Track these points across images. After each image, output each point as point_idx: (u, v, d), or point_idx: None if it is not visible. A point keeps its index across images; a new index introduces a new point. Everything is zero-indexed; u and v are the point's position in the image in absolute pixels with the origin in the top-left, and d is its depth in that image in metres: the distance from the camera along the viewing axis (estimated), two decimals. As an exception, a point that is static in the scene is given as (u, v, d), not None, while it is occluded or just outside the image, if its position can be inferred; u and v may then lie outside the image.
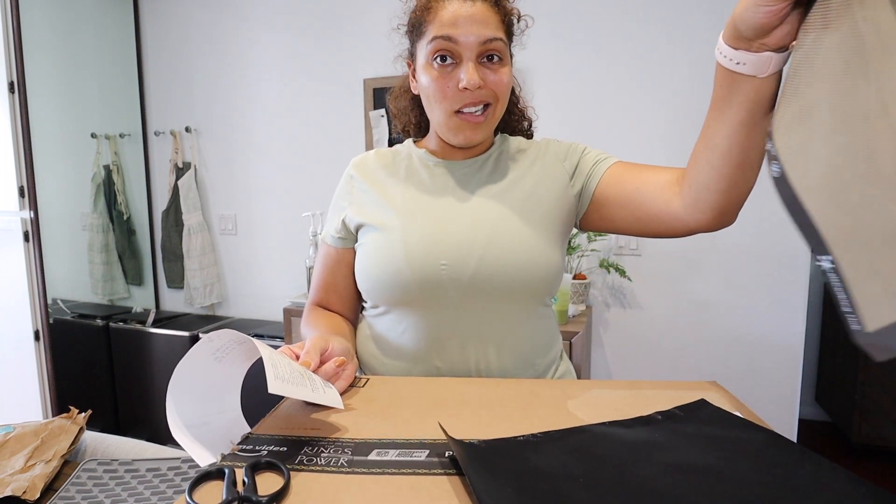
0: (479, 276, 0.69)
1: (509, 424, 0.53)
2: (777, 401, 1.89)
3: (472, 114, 0.70)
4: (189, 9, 2.50)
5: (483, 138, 0.74)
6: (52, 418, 0.93)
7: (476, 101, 0.69)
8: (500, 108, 0.73)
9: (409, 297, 0.71)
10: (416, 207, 0.74)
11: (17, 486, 0.75)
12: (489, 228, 0.71)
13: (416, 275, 0.69)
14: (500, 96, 0.71)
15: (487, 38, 0.68)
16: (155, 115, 2.62)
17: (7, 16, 1.89)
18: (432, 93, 0.71)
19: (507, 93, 0.73)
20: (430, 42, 0.69)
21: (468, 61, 0.68)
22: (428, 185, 0.77)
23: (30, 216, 1.96)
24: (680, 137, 1.91)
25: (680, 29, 1.87)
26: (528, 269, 0.70)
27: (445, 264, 0.69)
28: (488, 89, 0.69)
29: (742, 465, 0.42)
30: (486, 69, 0.69)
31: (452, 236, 0.71)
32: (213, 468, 0.44)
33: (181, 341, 2.23)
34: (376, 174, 0.79)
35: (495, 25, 0.69)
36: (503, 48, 0.70)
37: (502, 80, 0.70)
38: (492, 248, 0.69)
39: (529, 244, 0.71)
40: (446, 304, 0.71)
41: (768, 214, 1.84)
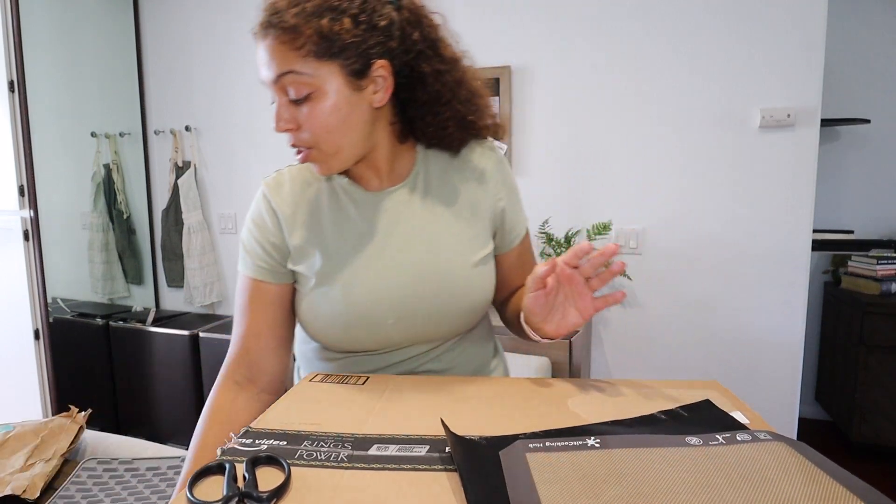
0: (428, 326, 0.71)
1: (510, 422, 0.53)
2: (777, 400, 1.89)
3: (298, 153, 0.66)
4: (189, 9, 2.50)
5: (339, 169, 0.67)
6: (52, 417, 0.93)
7: (296, 143, 0.65)
8: (327, 148, 0.64)
9: (357, 347, 0.71)
10: (352, 254, 0.69)
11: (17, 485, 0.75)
12: (434, 279, 0.69)
13: (363, 331, 0.69)
14: (318, 139, 0.63)
15: (275, 77, 0.61)
16: (155, 114, 2.62)
17: (7, 16, 1.89)
18: None
19: (332, 130, 0.63)
20: None
21: (278, 103, 0.63)
22: (358, 223, 0.70)
23: (30, 215, 1.96)
24: (679, 137, 1.91)
25: (680, 28, 1.87)
26: (473, 307, 0.72)
27: (393, 322, 0.69)
28: (301, 131, 0.63)
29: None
30: (297, 108, 0.62)
31: (397, 292, 0.68)
32: (214, 463, 0.44)
33: (181, 340, 2.23)
34: (299, 205, 0.72)
35: (283, 60, 0.60)
36: (302, 81, 0.60)
37: (315, 122, 0.62)
38: (438, 300, 0.70)
39: (470, 283, 0.71)
40: (389, 346, 0.72)
41: (768, 214, 1.84)
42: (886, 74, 2.39)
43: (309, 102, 0.61)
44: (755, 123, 1.82)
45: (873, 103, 2.41)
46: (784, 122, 1.78)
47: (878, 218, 2.47)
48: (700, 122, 1.89)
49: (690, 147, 1.91)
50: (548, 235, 2.01)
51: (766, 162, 1.83)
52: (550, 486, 0.39)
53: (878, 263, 2.15)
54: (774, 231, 1.84)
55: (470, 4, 2.09)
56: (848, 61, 2.42)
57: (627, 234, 2.00)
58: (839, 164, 2.49)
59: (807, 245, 1.82)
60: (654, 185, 1.96)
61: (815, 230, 1.94)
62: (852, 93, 2.43)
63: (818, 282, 2.56)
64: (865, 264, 2.22)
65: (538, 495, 0.38)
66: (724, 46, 1.83)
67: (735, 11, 1.81)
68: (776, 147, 1.82)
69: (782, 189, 1.82)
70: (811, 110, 1.77)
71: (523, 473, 0.41)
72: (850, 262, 2.32)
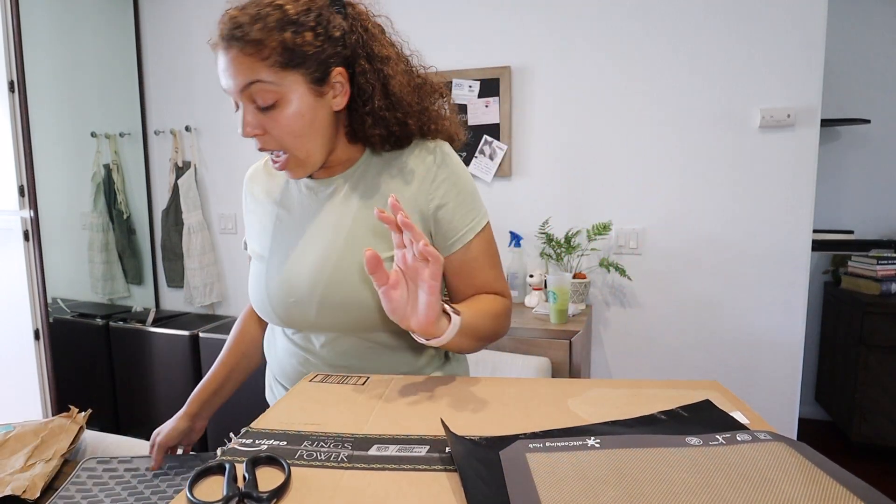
0: (322, 311, 0.73)
1: (510, 422, 0.53)
2: (777, 400, 1.89)
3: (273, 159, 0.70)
4: (189, 9, 2.50)
5: (309, 172, 0.72)
6: (52, 417, 0.93)
7: (265, 147, 0.68)
8: (299, 152, 0.68)
9: (273, 321, 0.79)
10: (282, 237, 0.77)
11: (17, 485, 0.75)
12: (332, 265, 0.72)
13: (273, 306, 0.76)
14: (288, 144, 0.67)
15: (242, 86, 0.64)
16: (155, 114, 2.62)
17: (7, 16, 1.89)
18: None
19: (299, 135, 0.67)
20: None
21: (244, 110, 0.66)
22: (296, 210, 0.78)
23: (30, 215, 1.96)
24: (679, 137, 1.91)
25: (680, 28, 1.88)
26: (371, 301, 0.71)
27: (293, 300, 0.74)
28: (269, 137, 0.67)
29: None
30: (263, 115, 0.66)
31: (300, 274, 0.73)
32: (214, 463, 0.44)
33: (181, 340, 2.23)
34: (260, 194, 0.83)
35: (249, 69, 0.63)
36: (268, 89, 0.64)
37: (282, 128, 0.66)
38: (332, 286, 0.71)
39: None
40: (303, 326, 0.76)
41: (768, 214, 1.84)
42: (886, 74, 2.39)
43: (275, 109, 0.65)
44: (755, 123, 1.82)
45: (873, 103, 2.41)
46: (784, 122, 1.78)
47: (878, 218, 2.47)
48: (700, 122, 1.89)
49: (690, 147, 1.91)
50: (548, 235, 2.01)
51: (766, 162, 1.83)
52: (550, 486, 0.39)
53: (878, 263, 2.16)
54: (774, 231, 1.84)
55: (470, 4, 2.09)
56: (848, 61, 2.42)
57: (627, 234, 2.00)
58: (839, 164, 2.49)
59: (807, 245, 1.82)
60: (654, 185, 1.96)
61: (815, 230, 1.94)
62: (852, 93, 2.43)
63: (818, 282, 2.56)
64: (865, 264, 2.22)
65: (538, 495, 0.38)
66: (724, 46, 1.83)
67: (735, 11, 1.81)
68: (776, 147, 1.82)
69: (782, 189, 1.82)
70: (811, 110, 1.77)
71: (523, 473, 0.41)
72: (850, 262, 2.32)
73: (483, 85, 2.09)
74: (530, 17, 2.03)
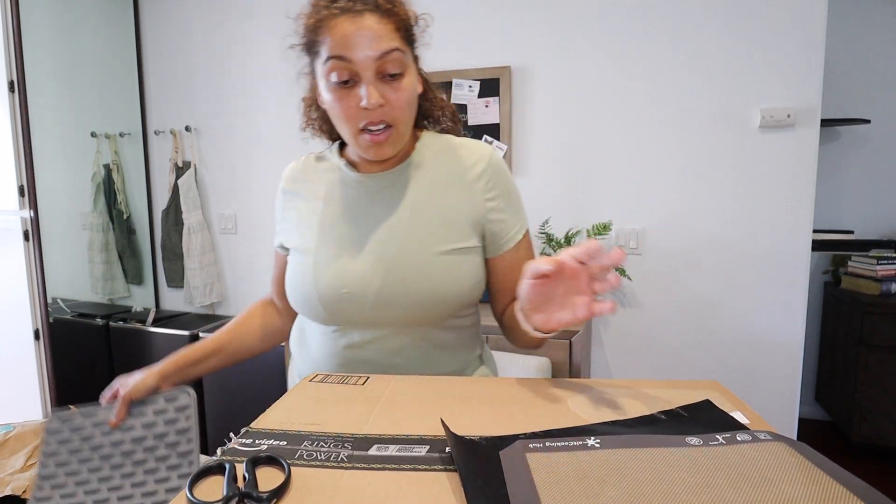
0: (378, 304, 0.72)
1: (510, 422, 0.53)
2: (777, 400, 1.89)
3: (375, 132, 0.69)
4: (189, 9, 2.50)
5: (394, 153, 0.73)
6: (52, 417, 0.93)
7: (377, 119, 0.68)
8: (402, 127, 0.71)
9: (318, 316, 0.76)
10: (330, 231, 0.76)
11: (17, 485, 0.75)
12: (390, 256, 0.72)
13: (322, 299, 0.74)
14: (400, 116, 0.70)
15: (381, 53, 0.65)
16: (155, 114, 2.62)
17: (7, 16, 1.89)
18: (336, 113, 0.70)
19: (409, 109, 0.71)
20: (325, 62, 0.67)
21: (367, 80, 0.66)
22: (344, 204, 0.77)
23: (30, 215, 1.96)
24: (679, 137, 1.91)
25: (680, 28, 1.88)
26: (428, 296, 0.71)
27: (346, 292, 0.72)
28: (389, 107, 0.68)
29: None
30: (385, 86, 0.67)
31: (355, 265, 0.73)
32: (214, 463, 0.44)
33: (181, 340, 2.23)
34: (301, 190, 0.82)
35: (388, 37, 0.65)
36: (401, 58, 0.67)
37: (402, 98, 0.68)
38: (389, 277, 0.71)
39: (430, 270, 0.71)
40: (353, 323, 0.74)
41: (768, 214, 1.84)
42: (886, 74, 2.39)
43: (397, 80, 0.68)
44: (755, 123, 1.82)
45: (873, 103, 2.41)
46: (784, 122, 1.78)
47: (878, 218, 2.47)
48: (700, 122, 1.89)
49: (690, 147, 1.91)
50: (548, 235, 2.01)
51: (766, 162, 1.83)
52: (550, 486, 0.39)
53: (878, 263, 2.15)
54: (774, 231, 1.84)
55: (470, 4, 2.09)
56: (848, 61, 2.42)
57: (627, 234, 2.00)
58: (839, 164, 2.49)
59: (807, 245, 1.82)
60: (654, 185, 1.96)
61: (815, 230, 1.93)
62: (852, 93, 2.43)
63: (818, 282, 2.56)
64: (865, 264, 2.22)
65: (538, 495, 0.38)
66: (724, 46, 1.83)
67: (735, 11, 1.81)
68: (776, 147, 1.82)
69: (782, 189, 1.82)
70: (811, 110, 1.77)
71: (523, 473, 0.41)
72: (850, 262, 2.32)
73: (483, 85, 2.09)
74: (530, 17, 2.03)
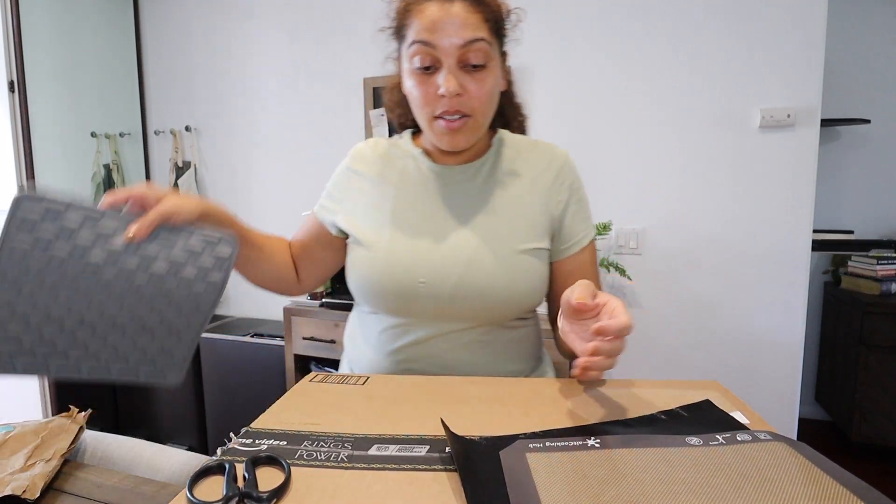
0: (456, 296, 0.71)
1: (510, 422, 0.53)
2: (777, 400, 1.89)
3: (450, 120, 0.69)
4: (189, 9, 2.50)
5: (469, 144, 0.72)
6: (52, 417, 0.93)
7: (453, 109, 0.67)
8: (480, 119, 0.70)
9: (388, 306, 0.73)
10: (404, 218, 0.74)
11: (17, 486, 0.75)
12: (471, 249, 0.71)
13: (395, 288, 0.72)
14: (478, 108, 0.69)
15: (467, 41, 0.65)
16: (155, 114, 2.62)
17: (7, 16, 1.89)
18: (414, 98, 0.70)
19: (489, 102, 0.70)
20: (409, 46, 0.67)
21: (447, 67, 0.66)
22: (420, 192, 0.76)
23: (30, 215, 1.96)
24: (679, 137, 1.91)
25: (680, 28, 1.87)
26: (505, 292, 0.71)
27: (423, 282, 0.71)
28: (468, 98, 0.67)
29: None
30: (467, 76, 0.67)
31: (433, 255, 0.71)
32: (214, 463, 0.44)
33: (181, 341, 2.23)
34: (370, 172, 0.80)
35: (476, 26, 0.65)
36: (486, 49, 0.66)
37: (482, 90, 0.68)
38: (470, 270, 0.70)
39: (509, 266, 0.71)
40: (424, 315, 0.73)
41: (768, 214, 1.84)
42: (886, 74, 2.39)
43: (480, 72, 0.67)
44: (755, 123, 1.82)
45: (873, 103, 2.41)
46: (784, 122, 1.78)
47: (878, 218, 2.47)
48: (700, 122, 1.89)
49: (690, 147, 1.91)
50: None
51: (766, 162, 1.83)
52: (550, 486, 0.39)
53: (878, 263, 2.15)
54: (774, 231, 1.84)
55: (470, 4, 2.09)
56: (848, 61, 2.42)
57: (627, 234, 2.00)
58: (839, 164, 2.49)
59: (807, 245, 1.82)
60: (654, 185, 1.96)
61: (815, 230, 1.93)
62: (852, 93, 2.43)
63: (818, 282, 2.56)
64: (865, 264, 2.22)
65: (538, 495, 0.38)
66: (724, 46, 1.83)
67: (735, 11, 1.81)
68: (776, 147, 1.82)
69: (782, 189, 1.82)
70: (811, 110, 1.77)
71: (523, 473, 0.41)
72: (850, 262, 2.32)
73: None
74: (530, 17, 2.01)
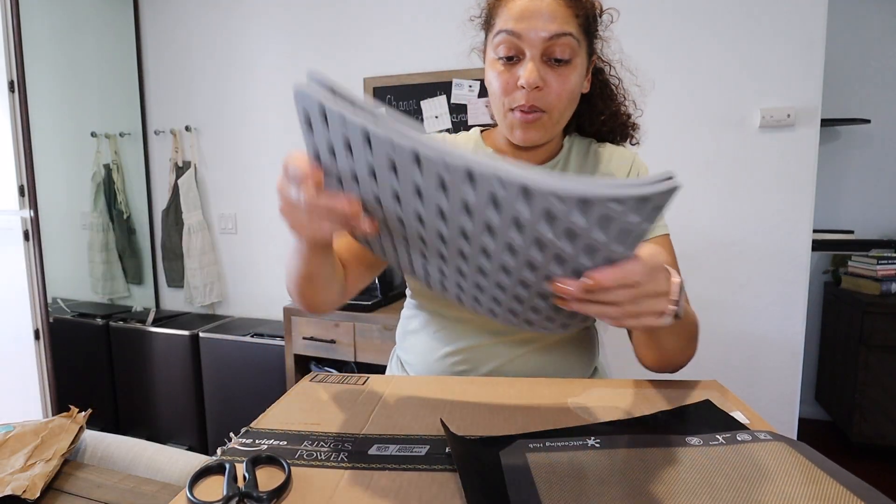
0: None
1: (510, 422, 0.53)
2: (777, 400, 1.89)
3: (524, 112, 0.67)
4: (189, 9, 2.49)
5: (542, 140, 0.71)
6: (53, 417, 0.93)
7: (530, 102, 0.66)
8: (556, 116, 0.68)
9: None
10: None
11: (17, 485, 0.75)
12: None
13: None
14: (556, 104, 0.67)
15: (553, 34, 0.63)
16: (155, 114, 2.62)
17: (7, 16, 1.89)
18: (494, 89, 0.69)
19: (569, 100, 0.68)
20: (496, 35, 0.67)
21: (530, 58, 0.65)
22: None
23: (30, 215, 1.96)
24: (679, 137, 1.91)
25: (680, 28, 1.87)
26: None
27: None
28: (546, 92, 0.66)
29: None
30: (549, 70, 0.65)
31: None
32: (214, 463, 0.44)
33: (181, 340, 2.23)
34: None
35: (564, 20, 0.64)
36: (573, 45, 0.65)
37: (564, 87, 0.66)
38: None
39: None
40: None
41: (768, 214, 1.84)
42: (886, 74, 2.39)
43: (564, 67, 0.66)
44: (755, 123, 1.82)
45: (873, 103, 2.41)
46: (784, 122, 1.78)
47: (878, 218, 2.46)
48: (700, 122, 1.89)
49: (690, 147, 1.91)
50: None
51: (766, 162, 1.83)
52: (550, 485, 0.39)
53: (878, 263, 2.15)
54: (774, 231, 1.84)
55: (470, 4, 2.09)
56: (848, 61, 2.42)
57: (627, 234, 2.00)
58: (839, 164, 2.49)
59: (807, 245, 1.82)
60: (654, 185, 1.96)
61: (815, 230, 1.93)
62: (852, 93, 2.43)
63: (818, 282, 2.56)
64: (865, 264, 2.22)
65: (538, 495, 0.38)
66: (724, 46, 1.83)
67: (735, 11, 1.81)
68: (776, 147, 1.82)
69: (782, 189, 1.82)
70: (811, 110, 1.77)
71: (523, 473, 0.41)
72: (850, 262, 2.32)
73: (483, 85, 2.09)
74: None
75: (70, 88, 2.40)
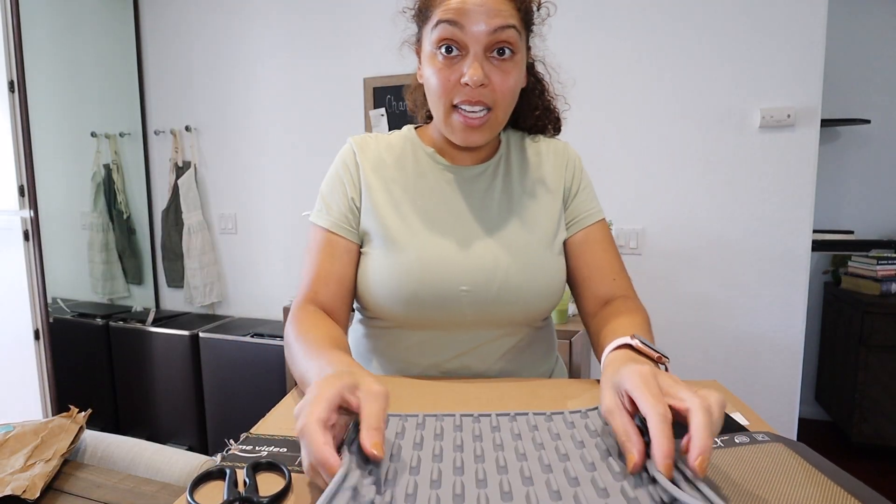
0: (499, 301, 0.68)
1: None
2: (777, 400, 1.89)
3: (470, 115, 0.65)
4: (189, 8, 2.49)
5: (485, 141, 0.69)
6: (52, 417, 0.93)
7: (475, 99, 0.64)
8: (501, 113, 0.67)
9: (423, 319, 0.69)
10: (431, 221, 0.70)
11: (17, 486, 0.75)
12: (505, 251, 0.69)
13: (433, 298, 0.67)
14: (501, 101, 0.65)
15: (498, 27, 0.61)
16: (155, 114, 2.61)
17: (7, 16, 1.88)
18: (434, 85, 0.65)
19: (512, 96, 0.67)
20: (434, 27, 0.64)
21: (473, 54, 0.62)
22: (439, 193, 0.72)
23: (30, 215, 1.96)
24: (679, 137, 1.91)
25: (680, 28, 1.87)
26: (545, 291, 0.71)
27: (466, 289, 0.67)
28: (491, 90, 0.64)
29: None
30: (493, 66, 0.64)
31: (472, 261, 0.68)
32: (215, 468, 0.44)
33: (181, 340, 2.23)
34: (382, 169, 0.73)
35: (507, 13, 0.62)
36: (515, 38, 0.63)
37: (507, 82, 0.64)
38: (511, 273, 0.68)
39: (542, 264, 0.71)
40: (460, 324, 0.70)
41: (768, 214, 1.84)
42: (886, 74, 2.39)
43: (506, 62, 0.64)
44: (755, 123, 1.82)
45: (873, 103, 2.41)
46: (784, 122, 1.78)
47: (878, 218, 2.47)
48: (700, 122, 1.89)
49: (690, 147, 1.91)
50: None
51: (766, 162, 1.83)
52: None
53: (878, 263, 2.15)
54: (774, 231, 1.84)
55: (470, 4, 2.09)
56: (848, 61, 2.42)
57: (627, 234, 2.00)
58: (839, 164, 2.49)
59: (807, 245, 1.82)
60: (654, 185, 1.96)
61: (815, 230, 1.93)
62: (852, 93, 2.42)
63: (818, 282, 2.56)
64: (865, 264, 2.22)
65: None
66: (724, 46, 1.83)
67: (735, 11, 1.81)
68: (776, 147, 1.82)
69: (782, 189, 1.82)
70: (811, 110, 1.77)
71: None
72: (850, 263, 2.32)
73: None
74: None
75: (70, 88, 2.40)
